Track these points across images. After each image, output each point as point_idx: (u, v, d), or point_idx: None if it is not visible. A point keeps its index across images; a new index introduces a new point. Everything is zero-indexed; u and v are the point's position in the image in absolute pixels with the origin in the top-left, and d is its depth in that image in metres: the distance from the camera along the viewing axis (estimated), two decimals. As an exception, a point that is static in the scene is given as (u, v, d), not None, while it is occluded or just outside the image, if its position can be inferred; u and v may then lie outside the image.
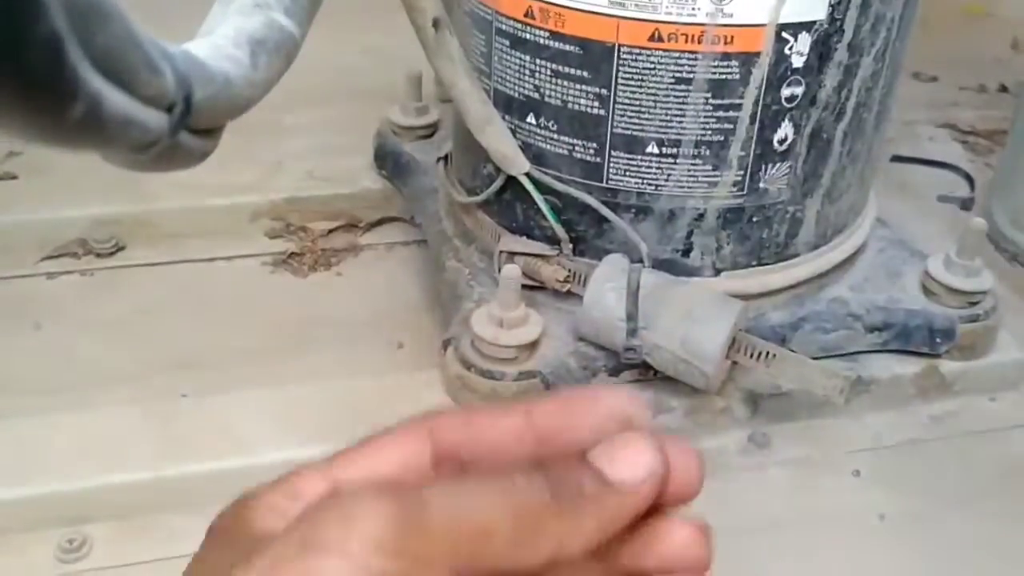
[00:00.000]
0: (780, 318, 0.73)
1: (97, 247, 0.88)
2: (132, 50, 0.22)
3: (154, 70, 0.24)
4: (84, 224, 0.88)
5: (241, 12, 0.36)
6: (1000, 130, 1.06)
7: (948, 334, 0.75)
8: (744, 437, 0.71)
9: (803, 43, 0.63)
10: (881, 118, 0.73)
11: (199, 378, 0.74)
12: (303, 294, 0.86)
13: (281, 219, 0.92)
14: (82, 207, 0.88)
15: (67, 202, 0.89)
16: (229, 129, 0.43)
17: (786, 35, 0.63)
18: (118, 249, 0.89)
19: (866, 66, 0.67)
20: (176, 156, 0.29)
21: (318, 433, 0.64)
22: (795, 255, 0.73)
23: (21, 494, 0.63)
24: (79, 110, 0.19)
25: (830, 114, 0.68)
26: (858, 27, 0.65)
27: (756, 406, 0.72)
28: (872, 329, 0.74)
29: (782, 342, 0.70)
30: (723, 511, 0.66)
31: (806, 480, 0.69)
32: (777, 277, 0.73)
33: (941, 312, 0.75)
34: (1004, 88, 1.20)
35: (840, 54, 0.65)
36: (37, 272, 0.86)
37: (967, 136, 1.11)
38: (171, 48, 0.27)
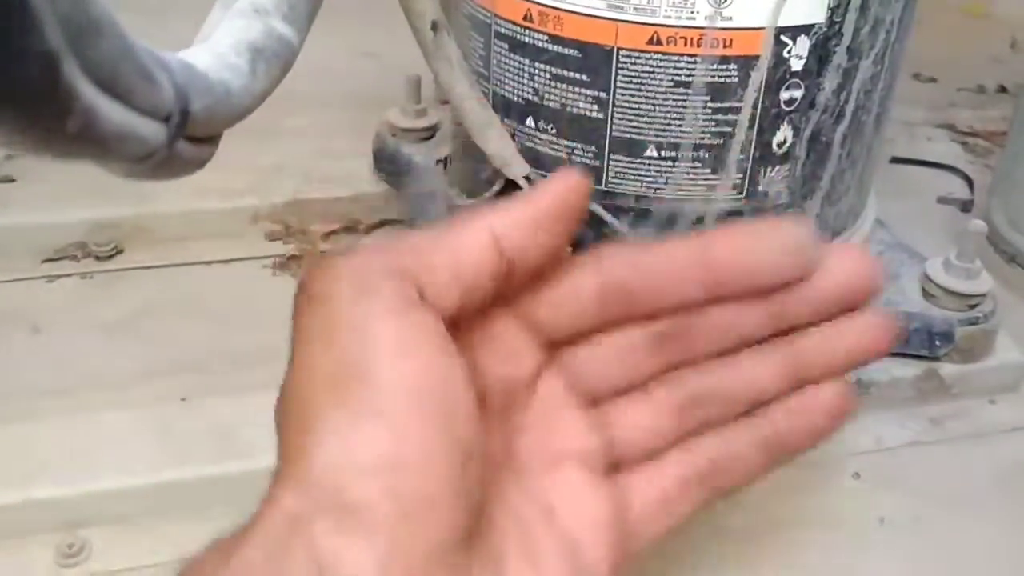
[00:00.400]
0: (779, 321, 0.73)
1: (96, 250, 0.88)
2: (128, 63, 0.22)
3: (151, 81, 0.24)
4: (83, 227, 0.88)
5: (239, 18, 0.35)
6: (999, 131, 1.05)
7: (947, 337, 0.75)
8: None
9: (802, 46, 0.63)
10: (880, 120, 0.73)
11: (199, 381, 0.74)
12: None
13: (281, 222, 0.92)
14: (81, 210, 0.88)
15: (66, 205, 0.88)
16: (228, 132, 0.43)
17: (785, 38, 0.63)
18: (117, 252, 0.88)
19: (865, 69, 0.67)
20: (174, 165, 0.29)
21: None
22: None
23: (19, 498, 0.63)
24: (75, 124, 0.19)
25: (829, 117, 0.68)
26: (857, 30, 0.65)
27: (756, 409, 0.72)
28: (871, 331, 0.74)
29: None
30: (722, 513, 0.66)
31: (805, 482, 0.69)
32: (776, 280, 0.73)
33: (940, 315, 0.75)
34: (1003, 89, 1.20)
35: (839, 57, 0.65)
36: (36, 275, 0.86)
37: (966, 137, 1.11)
38: (168, 58, 0.27)
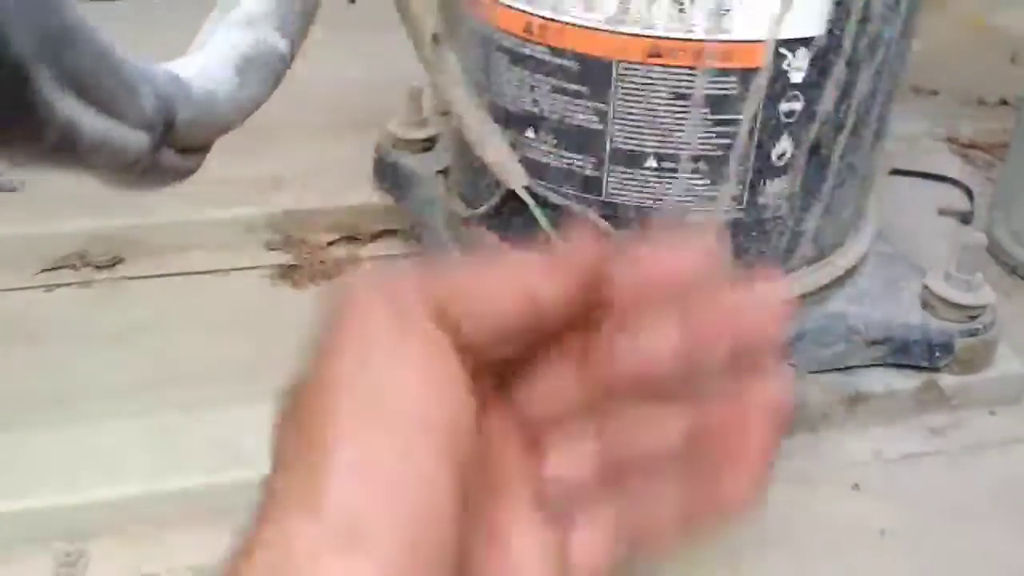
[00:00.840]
0: (779, 332, 0.73)
1: (96, 260, 0.88)
2: (108, 72, 0.22)
3: (132, 91, 0.24)
4: (82, 237, 0.88)
5: (232, 29, 0.35)
6: (1000, 143, 1.05)
7: (947, 348, 0.75)
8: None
9: (801, 59, 0.63)
10: (880, 132, 0.73)
11: (198, 391, 0.74)
12: (303, 307, 0.85)
13: (281, 231, 0.92)
14: (80, 220, 0.88)
15: (65, 215, 0.89)
16: (228, 141, 0.43)
17: (784, 51, 0.63)
18: (117, 262, 0.88)
19: (864, 81, 0.67)
20: (160, 174, 0.29)
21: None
22: (794, 269, 0.73)
23: (19, 507, 0.63)
24: (54, 134, 0.19)
25: (829, 129, 0.68)
26: (856, 43, 0.65)
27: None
28: (871, 343, 0.74)
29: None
30: (723, 527, 0.66)
31: (806, 494, 0.69)
32: (776, 291, 0.73)
33: (940, 326, 0.75)
34: (1004, 101, 1.20)
35: (838, 70, 0.65)
36: (35, 285, 0.86)
37: (967, 150, 1.11)
38: (153, 68, 0.27)
